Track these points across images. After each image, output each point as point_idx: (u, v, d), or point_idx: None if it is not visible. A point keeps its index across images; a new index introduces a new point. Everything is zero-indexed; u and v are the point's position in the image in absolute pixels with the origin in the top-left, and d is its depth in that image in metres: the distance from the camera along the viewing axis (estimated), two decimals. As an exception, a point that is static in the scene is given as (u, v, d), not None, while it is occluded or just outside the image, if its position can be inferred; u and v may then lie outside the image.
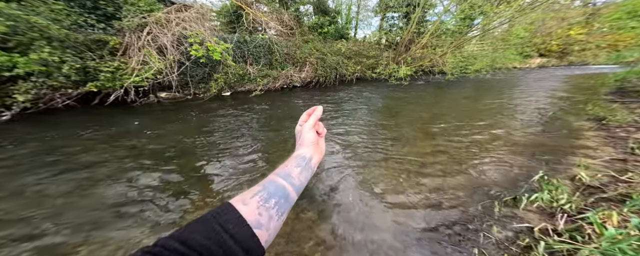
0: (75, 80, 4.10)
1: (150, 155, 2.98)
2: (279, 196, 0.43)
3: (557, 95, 7.06)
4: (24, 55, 3.42)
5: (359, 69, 9.91)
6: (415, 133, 3.91)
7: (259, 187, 0.44)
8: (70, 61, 3.88)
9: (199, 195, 2.25)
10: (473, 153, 3.09)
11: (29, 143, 3.09)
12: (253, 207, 0.40)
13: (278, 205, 0.42)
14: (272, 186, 0.45)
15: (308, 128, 0.58)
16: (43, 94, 3.85)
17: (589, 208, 1.81)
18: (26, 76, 3.57)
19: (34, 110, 3.88)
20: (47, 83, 3.80)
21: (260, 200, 0.41)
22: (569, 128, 3.98)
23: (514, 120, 4.53)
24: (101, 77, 4.27)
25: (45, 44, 3.56)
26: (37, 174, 2.50)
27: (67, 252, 1.64)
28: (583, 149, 3.06)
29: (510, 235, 1.75)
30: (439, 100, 6.69)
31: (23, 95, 3.54)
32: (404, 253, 1.65)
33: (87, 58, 4.18)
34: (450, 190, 2.33)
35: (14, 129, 3.46)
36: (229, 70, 6.58)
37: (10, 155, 2.84)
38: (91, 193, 2.24)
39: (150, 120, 4.33)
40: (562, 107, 5.45)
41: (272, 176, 0.47)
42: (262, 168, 2.77)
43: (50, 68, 3.75)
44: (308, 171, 0.51)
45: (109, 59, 4.50)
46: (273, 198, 0.42)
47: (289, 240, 1.75)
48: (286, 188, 0.46)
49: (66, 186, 2.32)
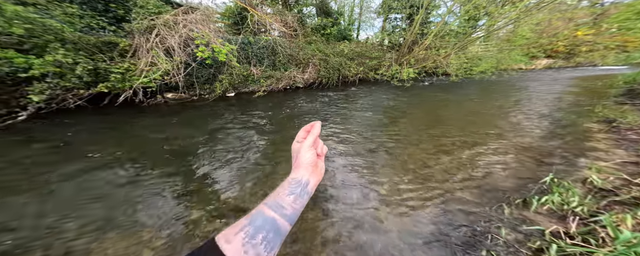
0: (87, 81, 4.18)
1: (155, 154, 3.01)
2: (267, 230, 0.39)
3: (565, 96, 6.95)
4: (40, 57, 3.51)
5: (362, 70, 9.89)
6: (420, 135, 3.88)
7: (245, 220, 0.40)
8: (83, 62, 3.96)
9: (202, 194, 2.26)
10: (479, 155, 3.05)
11: (41, 141, 3.16)
12: (237, 246, 0.36)
13: (266, 240, 0.38)
14: (260, 219, 0.40)
15: (306, 147, 0.52)
16: (56, 95, 3.94)
17: (601, 211, 1.76)
18: (41, 77, 3.66)
19: (47, 110, 3.97)
20: (61, 84, 3.88)
21: (245, 237, 0.38)
22: (578, 130, 3.90)
23: (520, 122, 4.46)
24: (112, 78, 4.35)
25: (59, 46, 3.65)
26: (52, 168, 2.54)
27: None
28: (593, 151, 3.00)
29: (520, 237, 1.72)
30: (443, 102, 6.63)
31: (38, 96, 3.62)
32: (410, 255, 1.63)
33: (98, 59, 4.27)
34: (456, 191, 2.30)
35: (31, 128, 3.54)
36: (233, 71, 6.63)
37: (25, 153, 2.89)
38: (94, 190, 2.26)
39: (157, 120, 4.39)
40: (571, 109, 5.36)
41: (261, 206, 0.43)
42: (265, 167, 2.78)
43: (64, 70, 3.83)
44: (304, 197, 0.46)
45: (119, 61, 4.59)
46: (260, 233, 0.39)
47: (295, 241, 1.74)
48: (276, 221, 0.41)
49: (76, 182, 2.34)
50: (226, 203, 2.14)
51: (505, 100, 6.58)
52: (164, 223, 1.89)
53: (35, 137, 3.32)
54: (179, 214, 1.99)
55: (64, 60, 3.67)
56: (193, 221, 1.92)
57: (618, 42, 15.72)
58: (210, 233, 1.81)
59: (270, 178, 2.53)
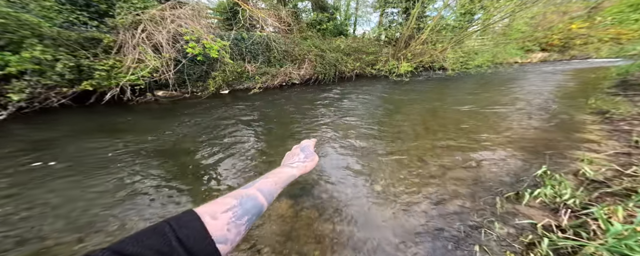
0: (70, 78, 4.03)
1: (147, 152, 2.95)
2: (253, 213, 0.41)
3: (559, 89, 6.99)
4: (16, 53, 3.36)
5: (359, 66, 9.81)
6: (416, 129, 3.86)
7: (234, 200, 0.41)
8: (63, 59, 3.81)
9: (196, 189, 2.22)
10: (474, 149, 3.05)
11: (21, 141, 3.06)
12: (223, 223, 0.37)
13: (249, 221, 0.40)
14: (250, 203, 0.42)
15: (305, 144, 0.62)
16: (38, 93, 3.79)
17: (593, 203, 1.77)
18: (19, 75, 3.51)
19: (30, 109, 3.83)
20: (42, 82, 3.74)
21: (232, 216, 0.38)
22: (571, 122, 3.92)
23: (515, 115, 4.47)
24: (96, 76, 4.20)
25: (36, 42, 3.50)
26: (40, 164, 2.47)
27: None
28: (586, 143, 3.01)
29: (513, 231, 1.71)
30: (439, 96, 6.63)
31: (17, 95, 3.49)
32: (404, 251, 1.62)
33: (80, 56, 4.11)
34: (451, 186, 2.29)
35: (8, 128, 3.43)
36: (226, 68, 6.51)
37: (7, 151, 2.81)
38: (92, 186, 2.21)
39: (146, 118, 4.30)
40: (564, 101, 5.39)
41: (254, 191, 0.45)
42: (261, 163, 2.74)
43: (44, 67, 3.68)
44: (287, 182, 0.52)
45: (104, 57, 4.42)
46: (247, 215, 0.40)
47: (288, 238, 1.72)
48: (263, 206, 0.44)
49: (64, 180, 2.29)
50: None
51: (500, 94, 6.59)
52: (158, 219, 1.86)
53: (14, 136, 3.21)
54: (170, 210, 1.96)
55: (43, 57, 3.52)
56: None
57: (612, 34, 15.83)
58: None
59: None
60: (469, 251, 1.59)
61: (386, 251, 1.61)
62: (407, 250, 1.62)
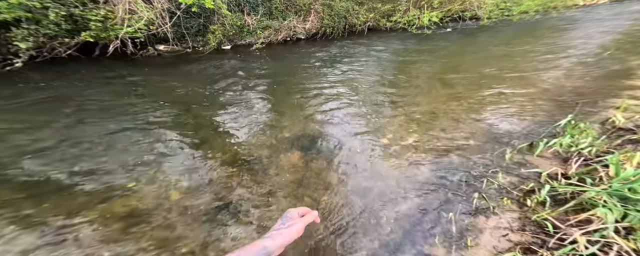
0: (67, 29, 4.09)
1: (156, 105, 3.04)
2: None
3: (624, 34, 5.80)
4: (3, 0, 3.43)
5: (372, 17, 8.85)
6: (432, 83, 3.62)
7: None
8: (53, 7, 3.82)
9: (214, 143, 2.38)
10: (495, 101, 2.87)
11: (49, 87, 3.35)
12: None
13: None
14: None
15: (287, 214, 0.57)
16: (42, 43, 4.04)
17: (612, 150, 1.69)
18: (16, 22, 3.70)
19: (41, 58, 4.20)
20: (41, 32, 3.90)
21: None
22: (622, 68, 3.42)
23: (555, 63, 3.93)
24: (92, 26, 4.20)
25: (20, -14, 3.40)
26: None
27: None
28: (631, 90, 2.67)
29: (515, 180, 1.75)
30: (465, 48, 5.92)
31: (23, 43, 3.73)
32: (403, 198, 1.76)
33: (69, 4, 4.06)
34: (461, 139, 2.29)
35: (26, 74, 3.83)
36: (225, 20, 6.30)
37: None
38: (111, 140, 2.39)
39: (153, 71, 4.44)
40: (624, 47, 4.56)
41: None
42: (270, 116, 2.83)
43: (37, 15, 3.77)
44: None
45: (93, 7, 4.31)
46: None
47: (300, 185, 1.93)
48: None
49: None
50: (237, 152, 2.27)
51: (543, 43, 5.66)
52: (185, 170, 2.07)
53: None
54: (195, 162, 2.14)
55: (30, 4, 3.59)
56: (210, 167, 2.10)
57: None
58: (225, 179, 2.03)
59: (276, 128, 2.62)
60: (466, 198, 1.67)
61: (388, 198, 1.75)
62: (407, 198, 1.74)
